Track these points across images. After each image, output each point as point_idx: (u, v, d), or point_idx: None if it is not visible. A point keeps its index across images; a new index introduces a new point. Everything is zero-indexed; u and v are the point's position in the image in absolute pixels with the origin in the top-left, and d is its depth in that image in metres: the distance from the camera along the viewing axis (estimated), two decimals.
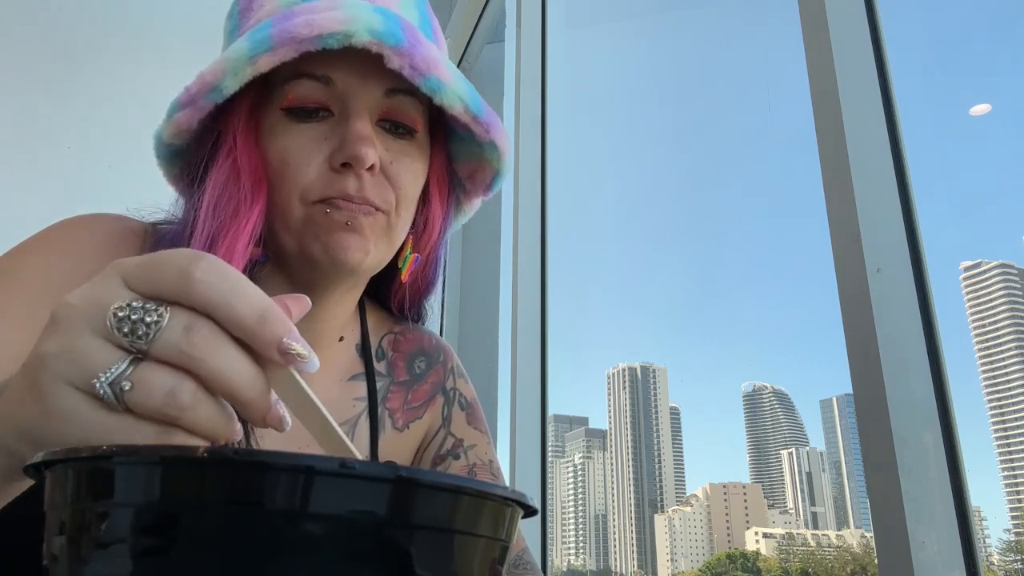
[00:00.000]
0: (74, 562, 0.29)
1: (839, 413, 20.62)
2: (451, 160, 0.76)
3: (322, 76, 0.64)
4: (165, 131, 0.66)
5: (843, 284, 0.82)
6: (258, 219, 0.63)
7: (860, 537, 14.37)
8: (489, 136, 0.70)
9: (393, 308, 0.80)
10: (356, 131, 0.63)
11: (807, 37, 0.92)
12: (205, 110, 0.63)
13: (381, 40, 0.61)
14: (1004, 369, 4.82)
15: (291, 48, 0.60)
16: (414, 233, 0.73)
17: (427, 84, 0.63)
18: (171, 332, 0.34)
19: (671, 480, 44.91)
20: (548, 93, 1.84)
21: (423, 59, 0.63)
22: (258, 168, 0.64)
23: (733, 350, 65.14)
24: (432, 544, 0.29)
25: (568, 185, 6.33)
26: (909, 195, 0.85)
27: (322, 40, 0.59)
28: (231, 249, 0.61)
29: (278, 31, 0.60)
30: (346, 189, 0.62)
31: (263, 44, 0.60)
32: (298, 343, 0.35)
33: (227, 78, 0.61)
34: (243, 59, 0.60)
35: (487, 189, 0.78)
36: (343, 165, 0.63)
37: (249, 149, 0.64)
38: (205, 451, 0.27)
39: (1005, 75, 20.32)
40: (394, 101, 0.66)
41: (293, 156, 0.64)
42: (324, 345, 0.73)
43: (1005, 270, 5.31)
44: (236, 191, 0.63)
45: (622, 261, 54.60)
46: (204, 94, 0.62)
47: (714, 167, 58.56)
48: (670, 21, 38.69)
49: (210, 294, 0.34)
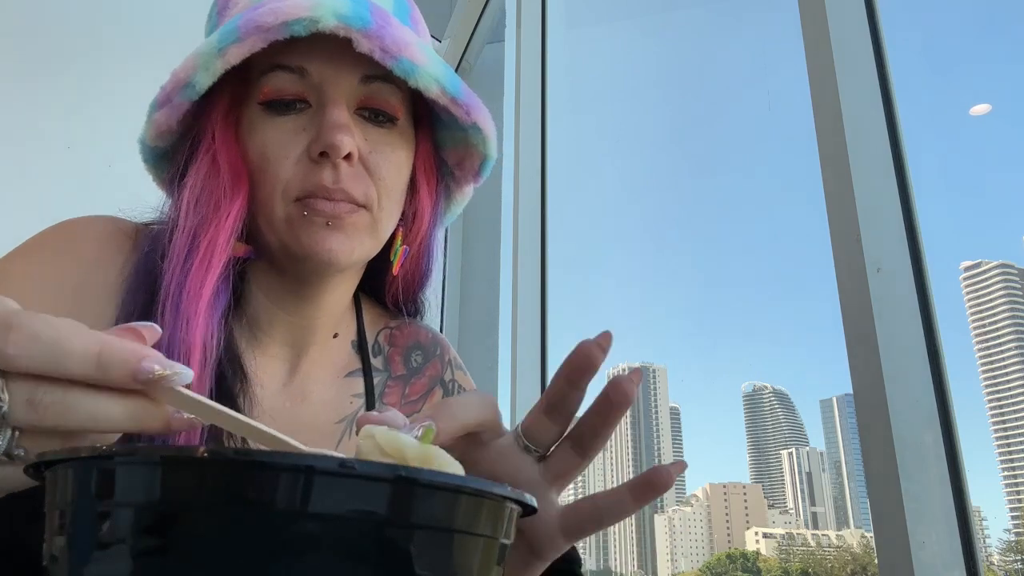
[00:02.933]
0: (74, 562, 0.28)
1: (839, 413, 20.57)
2: (438, 148, 0.75)
3: (296, 67, 0.63)
4: (147, 133, 0.66)
5: (843, 284, 0.82)
6: (239, 213, 0.62)
7: (860, 537, 14.34)
8: (471, 119, 0.68)
9: (388, 302, 0.79)
10: (331, 119, 0.62)
11: (807, 37, 0.92)
12: (182, 108, 0.63)
13: (348, 24, 0.60)
14: (1004, 369, 4.83)
15: (258, 38, 0.59)
16: (403, 225, 0.72)
17: (399, 67, 0.62)
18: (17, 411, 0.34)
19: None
20: (548, 93, 1.84)
21: (393, 41, 0.61)
22: (238, 163, 0.63)
23: (733, 350, 65.17)
24: (432, 543, 0.29)
25: (568, 184, 6.37)
26: (909, 195, 0.85)
27: (288, 27, 0.59)
28: (212, 244, 0.60)
29: (244, 21, 0.60)
30: (322, 181, 0.61)
31: (230, 36, 0.60)
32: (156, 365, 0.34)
33: (198, 73, 0.61)
34: (212, 52, 0.60)
35: (476, 176, 0.76)
36: (321, 155, 0.62)
37: (228, 145, 0.64)
38: (205, 451, 0.27)
39: (1005, 75, 20.17)
40: (371, 88, 0.65)
41: (272, 150, 0.63)
42: (318, 342, 0.73)
43: (1005, 270, 5.32)
44: (216, 187, 0.62)
45: (622, 260, 54.64)
46: (178, 91, 0.62)
47: (714, 167, 58.27)
48: (670, 21, 38.48)
49: (32, 365, 0.33)
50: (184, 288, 0.59)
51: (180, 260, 0.60)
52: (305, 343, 0.72)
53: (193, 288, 0.59)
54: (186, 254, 0.60)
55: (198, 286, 0.59)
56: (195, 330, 0.58)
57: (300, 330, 0.71)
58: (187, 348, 0.57)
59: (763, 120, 51.27)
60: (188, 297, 0.59)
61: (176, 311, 0.58)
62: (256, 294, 0.69)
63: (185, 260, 0.60)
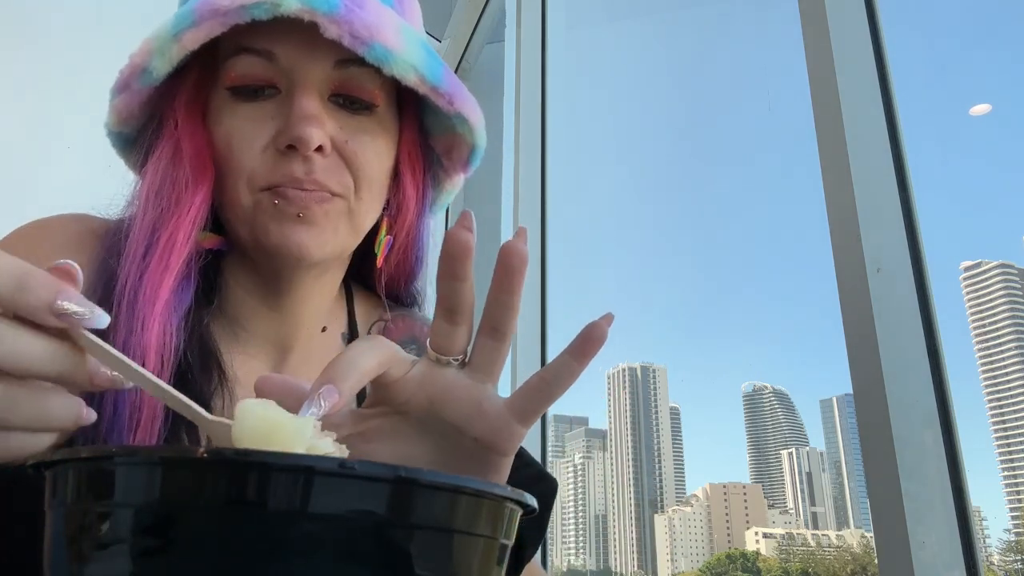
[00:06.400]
0: (74, 562, 0.29)
1: (839, 413, 20.53)
2: (427, 134, 0.70)
3: (263, 50, 0.58)
4: (110, 119, 0.62)
5: (843, 284, 0.82)
6: (201, 206, 0.58)
7: (860, 537, 14.33)
8: (454, 108, 0.64)
9: (380, 292, 0.74)
10: (300, 109, 0.58)
11: (807, 37, 0.92)
12: (143, 93, 0.60)
13: (313, 7, 0.55)
14: (1004, 369, 4.81)
15: (216, 22, 0.55)
16: (388, 214, 0.68)
17: (371, 53, 0.57)
18: None
19: (671, 480, 44.90)
20: (548, 93, 1.84)
21: (364, 25, 0.57)
22: (202, 151, 0.59)
23: (733, 350, 65.07)
24: (432, 543, 0.29)
25: (568, 184, 6.26)
26: (909, 195, 0.85)
27: (247, 11, 0.55)
28: (171, 240, 0.57)
29: (201, 4, 0.56)
30: (293, 173, 0.57)
31: (186, 19, 0.56)
32: (72, 301, 0.34)
33: (155, 59, 0.57)
34: (167, 37, 0.57)
35: (466, 165, 0.72)
36: (288, 147, 0.58)
37: (192, 131, 0.60)
38: (205, 451, 0.27)
39: (1005, 75, 20.03)
40: (346, 73, 0.60)
41: (237, 139, 0.59)
42: (305, 336, 0.69)
43: (1005, 270, 5.30)
44: (178, 176, 0.58)
45: (622, 261, 54.46)
46: (136, 77, 0.59)
47: (714, 167, 58.29)
48: (670, 21, 38.20)
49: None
50: (140, 289, 0.55)
51: (137, 258, 0.56)
52: (290, 338, 0.68)
53: (149, 289, 0.55)
54: (144, 251, 0.57)
55: (155, 286, 0.55)
56: (150, 333, 0.54)
57: (284, 325, 0.67)
58: (142, 351, 0.53)
59: (763, 120, 51.17)
60: (144, 298, 0.55)
61: (131, 313, 0.54)
62: (234, 288, 0.65)
63: (143, 258, 0.56)
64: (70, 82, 1.98)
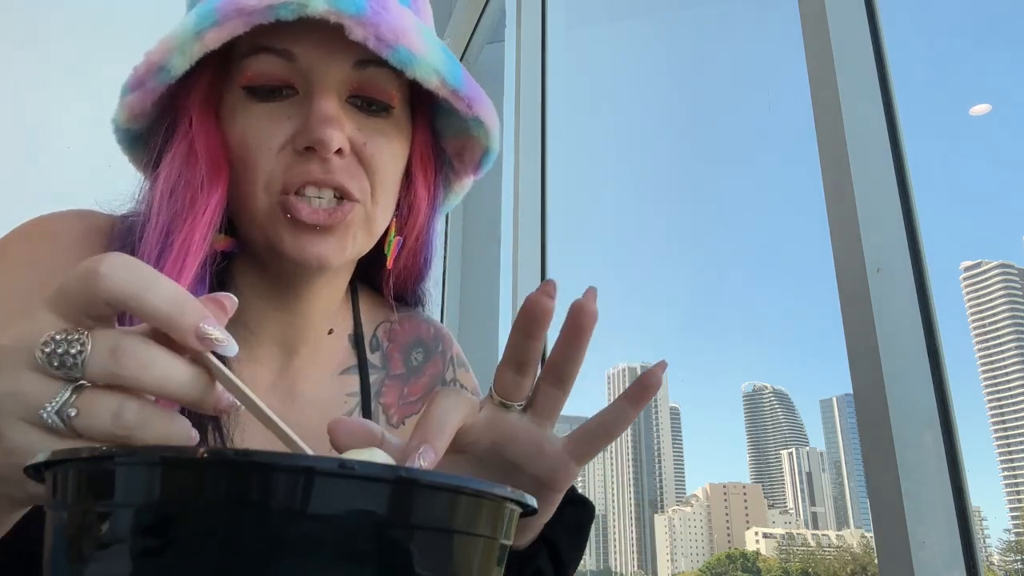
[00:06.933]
0: (74, 562, 0.29)
1: (839, 413, 20.48)
2: (437, 136, 0.70)
3: (282, 50, 0.58)
4: (119, 116, 0.61)
5: (843, 284, 0.82)
6: (217, 207, 0.58)
7: (860, 537, 14.31)
8: (472, 111, 0.64)
9: (386, 294, 0.74)
10: (320, 111, 0.57)
11: (807, 37, 0.92)
12: (157, 91, 0.58)
13: (339, 9, 0.55)
14: (1004, 369, 4.80)
15: (240, 21, 0.54)
16: (398, 216, 0.67)
17: (396, 56, 0.57)
18: (98, 357, 0.34)
19: (671, 480, 44.89)
20: (548, 93, 1.84)
21: (390, 28, 0.56)
22: (217, 151, 0.59)
23: (733, 350, 65.11)
24: (432, 544, 0.29)
25: (568, 184, 6.33)
26: (909, 195, 0.85)
27: (273, 11, 0.54)
28: (186, 243, 0.56)
29: (224, 3, 0.55)
30: (311, 174, 0.57)
31: (208, 18, 0.55)
32: (214, 328, 0.36)
33: (174, 57, 0.56)
34: (189, 36, 0.56)
35: (477, 167, 0.72)
36: (307, 149, 0.57)
37: (207, 131, 0.59)
38: (205, 452, 0.27)
39: (1005, 75, 20.13)
40: (365, 74, 0.60)
41: (253, 139, 0.58)
42: (312, 339, 0.68)
43: (1005, 270, 5.29)
44: (192, 177, 0.58)
45: (622, 260, 54.61)
46: (152, 75, 0.58)
47: (714, 167, 58.42)
48: (670, 21, 38.32)
49: (120, 287, 0.34)
50: None
51: (151, 261, 0.55)
52: (297, 340, 0.67)
53: None
54: (157, 254, 0.56)
55: None
56: None
57: (291, 327, 0.67)
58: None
59: (763, 120, 51.18)
60: None
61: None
62: (241, 290, 0.64)
63: (157, 260, 0.56)
64: (70, 82, 1.98)
